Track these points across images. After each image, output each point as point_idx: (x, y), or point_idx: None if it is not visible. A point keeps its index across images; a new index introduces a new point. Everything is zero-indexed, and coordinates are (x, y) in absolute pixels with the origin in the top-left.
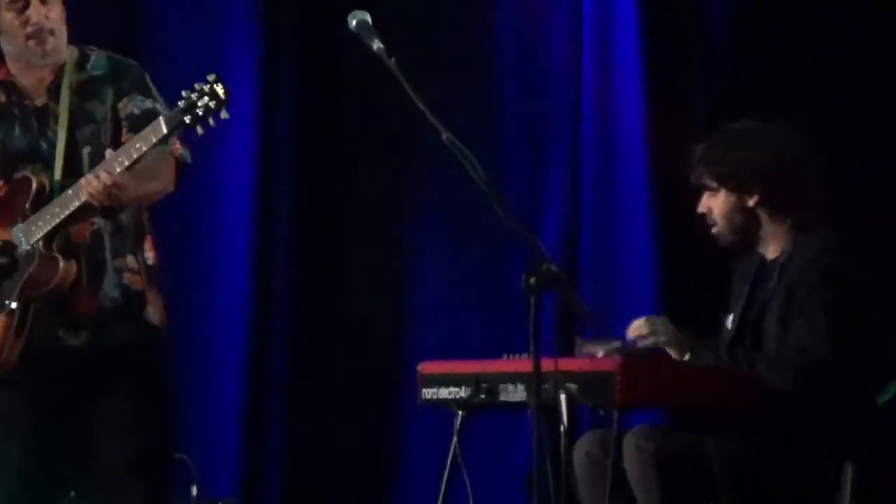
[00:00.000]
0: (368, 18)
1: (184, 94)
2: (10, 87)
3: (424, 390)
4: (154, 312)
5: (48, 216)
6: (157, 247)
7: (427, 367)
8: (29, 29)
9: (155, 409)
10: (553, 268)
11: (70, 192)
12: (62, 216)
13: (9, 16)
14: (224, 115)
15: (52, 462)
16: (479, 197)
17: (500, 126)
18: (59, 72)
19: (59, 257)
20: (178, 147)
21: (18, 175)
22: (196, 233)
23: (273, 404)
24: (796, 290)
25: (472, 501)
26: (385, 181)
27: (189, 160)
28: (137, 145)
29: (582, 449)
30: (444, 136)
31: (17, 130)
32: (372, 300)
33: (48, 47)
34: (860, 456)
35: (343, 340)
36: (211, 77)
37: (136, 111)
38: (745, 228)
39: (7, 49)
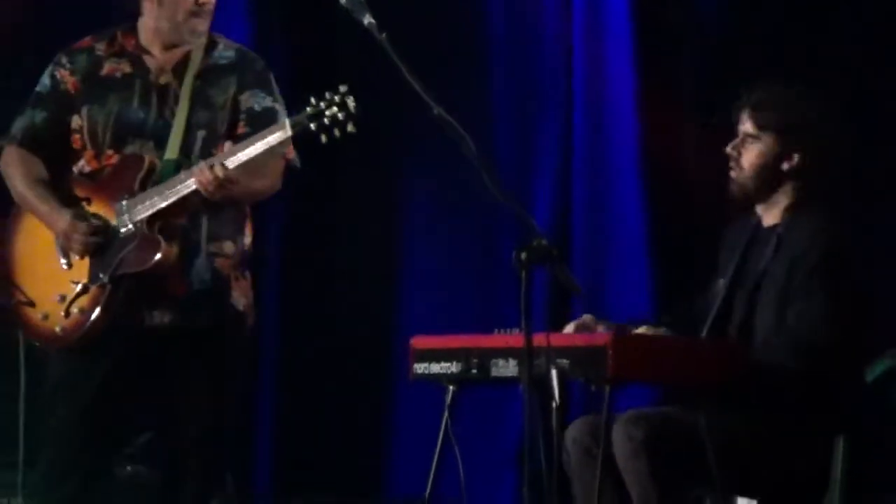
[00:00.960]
0: None
1: (312, 100)
2: (136, 60)
3: (416, 365)
4: (240, 297)
5: (156, 197)
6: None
7: (419, 342)
8: (195, 7)
9: (223, 394)
10: (545, 243)
11: (182, 175)
12: (170, 199)
13: None
14: (351, 128)
15: (110, 433)
16: (471, 173)
17: (491, 105)
18: (187, 54)
19: (161, 240)
20: (291, 150)
21: (130, 150)
22: None
23: (265, 379)
24: (796, 269)
25: (463, 476)
26: (378, 158)
27: (298, 164)
28: (257, 144)
29: (571, 435)
30: (435, 111)
31: (135, 103)
32: (364, 274)
33: (203, 28)
34: (851, 431)
35: (335, 315)
36: (343, 88)
37: (256, 107)
38: (767, 186)
39: (154, 23)
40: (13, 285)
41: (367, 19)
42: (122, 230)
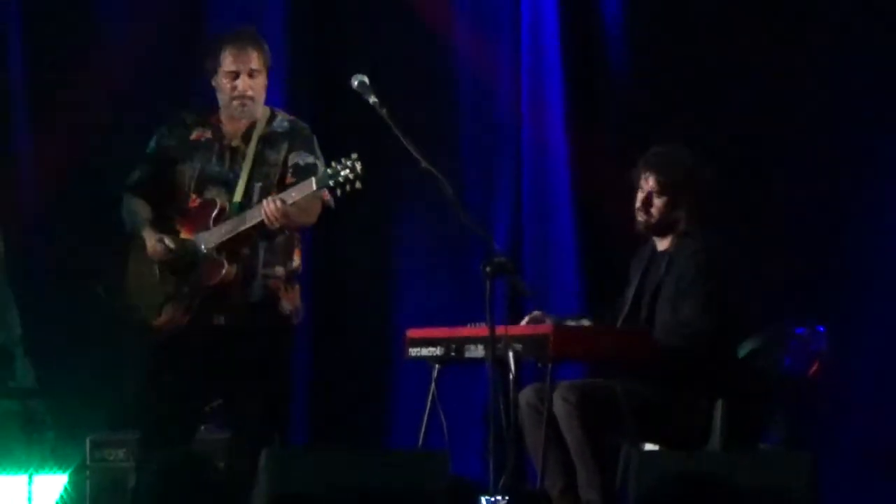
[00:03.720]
0: (366, 79)
1: (333, 162)
2: (216, 128)
3: (410, 349)
4: (287, 304)
5: (224, 230)
6: (302, 254)
7: (412, 333)
8: (235, 93)
9: (271, 378)
10: (503, 259)
11: (251, 211)
12: (240, 229)
13: (224, 81)
14: (359, 185)
15: (188, 405)
16: (447, 206)
17: (461, 149)
18: (253, 124)
19: (225, 262)
20: (327, 195)
21: (208, 195)
22: None
23: (301, 358)
24: (682, 280)
25: (446, 432)
26: (380, 193)
27: (332, 206)
28: (294, 192)
29: (524, 398)
30: (423, 165)
31: (213, 161)
32: (369, 281)
33: (246, 109)
34: (727, 394)
35: (352, 310)
36: (354, 155)
37: (300, 163)
38: (667, 226)
39: (220, 101)
40: (125, 294)
41: (372, 98)
42: (201, 254)
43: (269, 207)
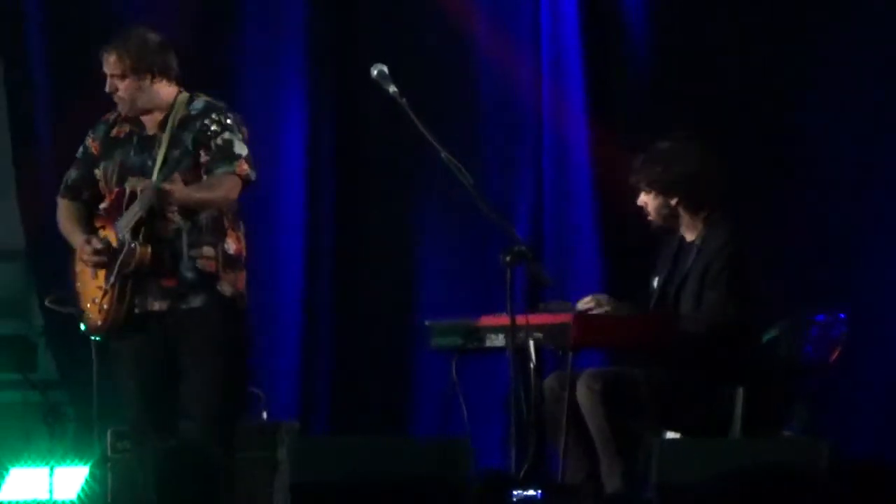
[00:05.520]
0: (385, 69)
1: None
2: (135, 122)
3: (432, 339)
4: (227, 286)
5: (132, 212)
6: (243, 239)
7: (433, 322)
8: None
9: (222, 357)
10: (523, 248)
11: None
12: (140, 214)
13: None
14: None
15: (162, 393)
16: (469, 197)
17: (482, 140)
18: (170, 110)
19: (137, 244)
20: (243, 168)
21: (127, 185)
22: (263, 212)
23: (323, 347)
24: (708, 270)
25: (466, 421)
26: (403, 185)
27: (253, 178)
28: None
29: (547, 386)
30: (443, 155)
31: (131, 153)
32: (394, 271)
33: (120, 108)
34: (748, 382)
35: (374, 305)
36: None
37: (218, 142)
38: (670, 219)
39: None
40: (76, 296)
41: (392, 88)
42: (120, 242)
43: (149, 188)
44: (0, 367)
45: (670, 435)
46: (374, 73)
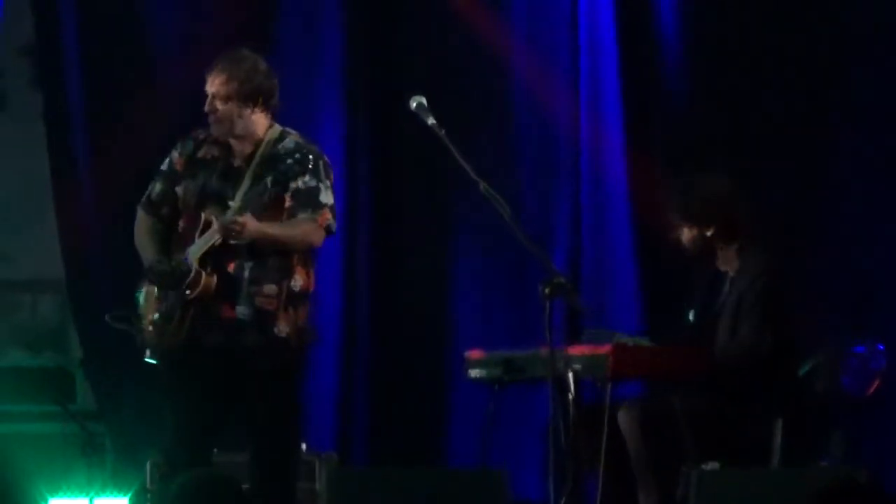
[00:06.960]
0: (424, 101)
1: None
2: (224, 147)
3: (470, 370)
4: (285, 325)
5: (202, 241)
6: (313, 275)
7: (472, 354)
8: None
9: (270, 395)
10: (561, 279)
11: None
12: (212, 241)
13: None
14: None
15: (201, 430)
16: (507, 228)
17: (519, 170)
18: (258, 145)
19: (203, 272)
20: (326, 217)
21: (204, 213)
22: None
23: (359, 380)
24: (743, 301)
25: (505, 451)
26: (441, 215)
27: (334, 230)
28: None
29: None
30: (481, 186)
31: (214, 179)
32: (432, 304)
33: (213, 130)
34: (786, 413)
35: (411, 336)
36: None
37: (301, 187)
38: (705, 251)
39: None
40: (139, 315)
41: (430, 120)
42: (187, 268)
43: (221, 221)
44: (39, 398)
45: (709, 464)
46: (413, 105)
